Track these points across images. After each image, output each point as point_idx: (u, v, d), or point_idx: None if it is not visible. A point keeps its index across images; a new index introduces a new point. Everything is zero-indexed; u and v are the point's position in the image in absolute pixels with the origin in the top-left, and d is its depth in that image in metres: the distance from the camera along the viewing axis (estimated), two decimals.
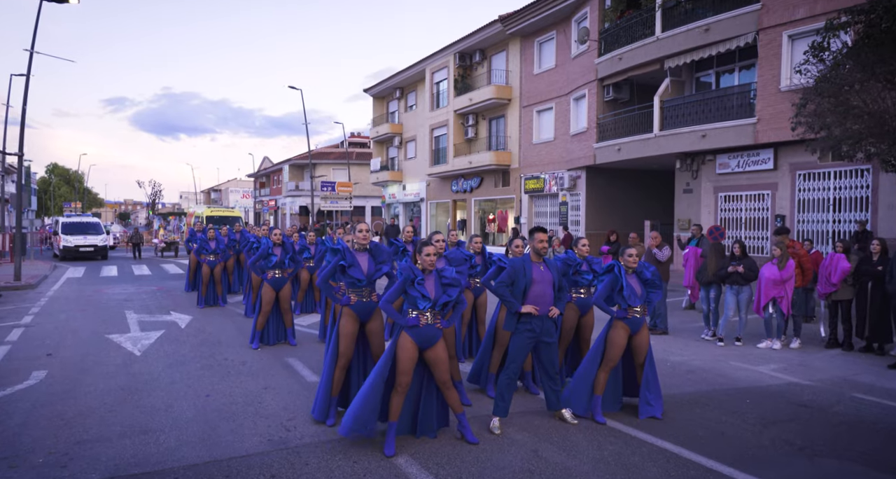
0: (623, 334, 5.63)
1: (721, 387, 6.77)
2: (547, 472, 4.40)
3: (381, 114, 37.68)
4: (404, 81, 34.57)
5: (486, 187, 28.84)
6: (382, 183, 37.27)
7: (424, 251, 4.79)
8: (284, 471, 4.41)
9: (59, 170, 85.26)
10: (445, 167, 30.18)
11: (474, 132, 29.02)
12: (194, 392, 6.35)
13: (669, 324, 10.28)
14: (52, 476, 4.33)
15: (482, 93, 27.40)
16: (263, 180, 61.68)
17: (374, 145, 38.74)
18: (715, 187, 18.91)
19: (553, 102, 24.86)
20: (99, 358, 7.92)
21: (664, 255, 9.84)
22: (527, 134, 26.32)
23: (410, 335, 4.76)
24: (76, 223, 26.66)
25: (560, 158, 24.28)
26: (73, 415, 5.66)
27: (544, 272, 5.28)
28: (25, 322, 10.65)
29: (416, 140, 33.92)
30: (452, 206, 31.46)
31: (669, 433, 5.23)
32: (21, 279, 16.49)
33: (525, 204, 26.48)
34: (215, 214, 27.12)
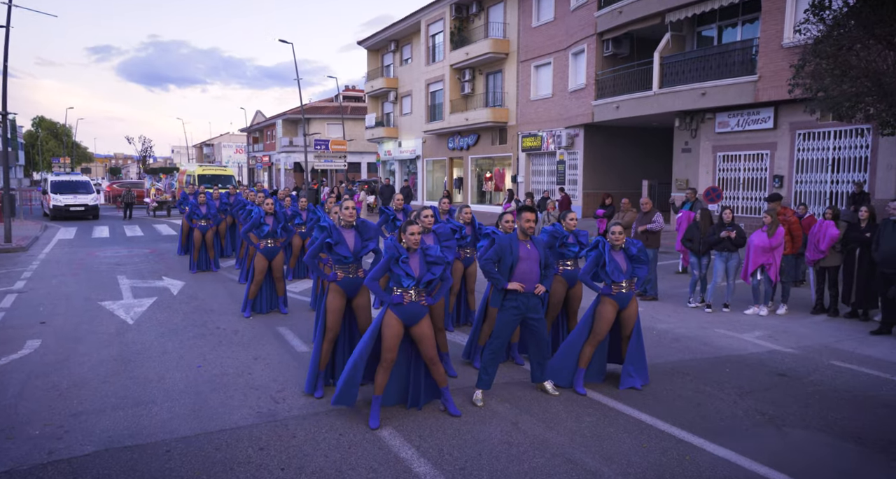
0: (611, 310, 5.80)
1: (703, 356, 7.02)
2: (525, 444, 4.65)
3: (376, 67, 37.17)
4: (399, 33, 33.98)
5: (483, 145, 28.74)
6: (378, 139, 37.06)
7: (409, 230, 4.92)
8: (272, 443, 4.65)
9: (46, 123, 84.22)
10: (441, 124, 29.99)
11: (471, 88, 28.72)
12: (186, 363, 6.59)
13: (660, 289, 10.50)
14: (48, 448, 4.57)
15: (479, 46, 27.02)
16: (257, 136, 61.22)
17: (368, 100, 38.35)
18: (714, 147, 18.91)
19: (551, 56, 24.55)
20: (92, 327, 8.15)
21: (658, 224, 9.94)
22: (524, 90, 26.08)
23: (395, 312, 4.92)
24: (66, 182, 26.67)
25: (558, 116, 24.14)
26: (67, 386, 5.90)
27: (531, 250, 5.40)
28: (18, 288, 10.86)
29: (412, 95, 33.57)
30: (449, 163, 31.41)
31: (647, 403, 5.48)
32: (12, 241, 16.65)
33: (522, 162, 26.46)
34: (207, 173, 27.09)
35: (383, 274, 4.99)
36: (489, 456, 4.45)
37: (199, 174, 26.68)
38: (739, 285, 10.02)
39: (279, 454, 4.49)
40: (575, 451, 4.54)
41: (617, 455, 4.47)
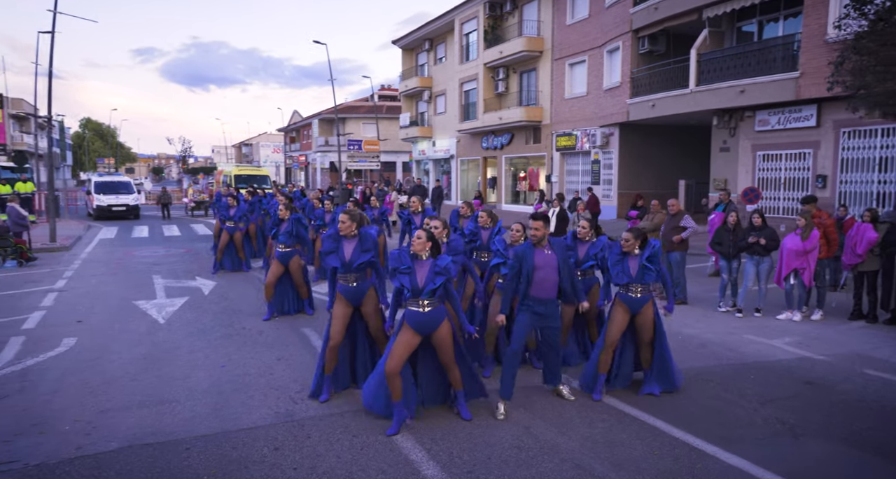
0: (621, 313, 5.79)
1: (729, 362, 6.95)
2: (535, 448, 4.71)
3: (411, 67, 37.41)
4: (433, 32, 34.14)
5: (517, 144, 28.70)
6: (412, 139, 37.31)
7: (416, 235, 5.02)
8: (288, 443, 4.81)
9: (93, 124, 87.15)
10: (475, 123, 30.04)
11: (505, 86, 28.70)
12: (211, 362, 6.83)
13: (690, 293, 10.39)
14: (76, 443, 4.82)
15: (513, 45, 26.98)
16: (293, 135, 62.21)
17: (403, 100, 38.62)
18: (753, 146, 18.54)
19: (586, 54, 24.38)
20: (125, 325, 8.48)
21: (690, 230, 9.82)
22: (558, 89, 25.95)
23: (409, 322, 5.00)
24: (108, 183, 27.61)
25: (592, 115, 23.96)
26: (98, 383, 6.18)
27: (549, 256, 5.40)
28: (59, 286, 11.34)
29: (446, 94, 33.70)
30: (483, 163, 31.44)
31: (663, 410, 5.47)
32: (56, 240, 17.35)
33: (556, 162, 26.34)
34: (243, 173, 27.70)
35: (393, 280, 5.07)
36: (498, 460, 4.52)
37: (236, 174, 27.30)
38: (773, 290, 9.85)
39: (293, 453, 4.64)
40: (584, 457, 4.58)
41: (627, 462, 4.50)
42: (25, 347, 7.46)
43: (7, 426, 5.17)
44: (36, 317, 8.94)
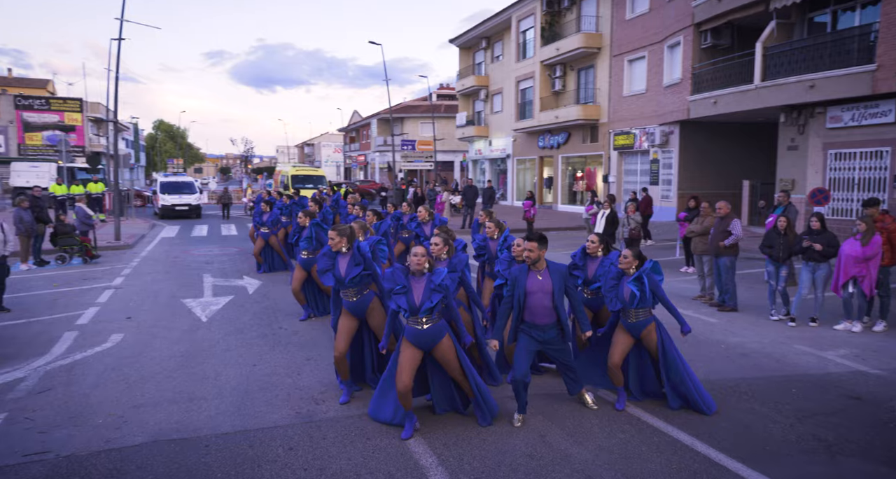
0: (623, 336, 5.63)
1: (771, 373, 6.68)
2: (547, 457, 4.67)
3: (468, 65, 37.49)
4: (490, 30, 34.11)
5: (574, 143, 28.35)
6: (468, 138, 37.38)
7: (413, 252, 5.01)
8: (303, 443, 4.94)
9: (164, 126, 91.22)
10: (531, 122, 29.86)
11: (562, 84, 28.40)
12: (244, 361, 7.06)
13: (744, 300, 10.04)
14: (106, 436, 5.09)
15: (570, 42, 26.67)
16: (353, 135, 63.32)
17: (460, 99, 38.74)
18: (824, 144, 17.71)
19: (646, 50, 23.85)
20: (170, 323, 8.87)
21: (735, 236, 9.46)
22: (617, 86, 25.49)
23: (409, 339, 5.01)
24: (172, 183, 28.84)
25: (652, 112, 23.42)
26: (135, 379, 6.50)
27: (542, 282, 5.17)
28: (116, 284, 11.94)
29: (503, 93, 33.62)
30: (539, 163, 31.20)
31: (689, 423, 5.32)
32: (120, 239, 18.26)
33: (614, 161, 25.88)
34: (300, 174, 28.41)
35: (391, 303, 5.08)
36: (507, 468, 4.50)
37: (293, 174, 28.03)
38: (831, 299, 9.40)
39: (306, 454, 4.76)
40: (597, 468, 4.51)
41: (640, 476, 4.40)
42: (76, 342, 7.90)
43: (47, 417, 5.50)
44: (90, 313, 9.46)
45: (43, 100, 52.02)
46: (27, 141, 50.34)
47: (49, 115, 51.05)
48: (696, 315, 9.28)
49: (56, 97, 53.92)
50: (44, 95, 55.68)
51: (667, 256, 14.68)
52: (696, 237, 10.37)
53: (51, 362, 7.08)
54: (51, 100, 52.26)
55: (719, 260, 9.64)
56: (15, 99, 50.12)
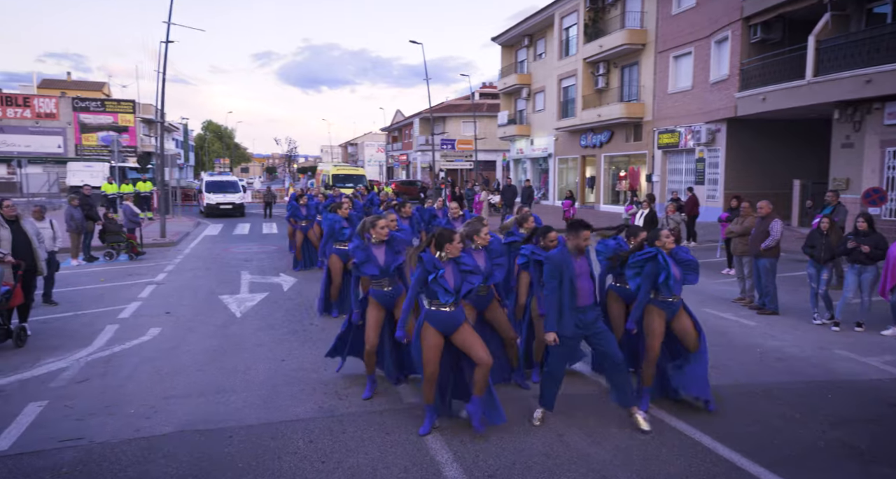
0: (659, 321, 5.52)
1: (807, 378, 6.51)
2: (563, 457, 4.67)
3: (510, 63, 37.38)
4: (533, 28, 33.96)
5: (617, 142, 28.00)
6: (510, 137, 37.28)
7: (454, 239, 4.99)
8: (322, 437, 5.05)
9: (213, 126, 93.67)
10: (573, 121, 29.61)
11: (605, 82, 28.07)
12: (273, 356, 7.24)
13: (787, 303, 9.79)
14: (136, 426, 5.30)
15: (613, 38, 26.35)
16: (396, 134, 63.81)
17: (501, 97, 38.68)
18: (882, 141, 17.08)
19: (692, 46, 23.39)
20: (206, 318, 9.14)
21: (772, 238, 9.22)
22: (662, 83, 25.07)
23: (431, 323, 4.97)
24: (217, 182, 29.63)
25: (697, 110, 22.96)
26: (168, 371, 6.73)
27: (581, 263, 5.23)
28: (158, 279, 12.36)
29: (545, 91, 33.42)
30: (581, 162, 30.92)
31: (713, 425, 5.23)
32: (165, 236, 18.87)
33: (658, 160, 25.46)
34: (341, 173, 28.84)
35: (418, 293, 5.03)
36: (522, 467, 4.52)
37: (334, 174, 28.46)
38: (880, 303, 9.08)
39: (325, 447, 4.87)
40: (614, 469, 4.49)
41: (658, 478, 4.36)
42: (116, 335, 8.23)
43: (84, 406, 5.76)
44: (132, 307, 9.82)
45: (98, 102, 54.10)
46: (83, 142, 52.45)
47: (104, 116, 53.07)
48: (735, 318, 9.10)
49: (110, 99, 56.01)
50: (99, 97, 57.89)
51: (708, 257, 14.38)
52: (735, 238, 10.16)
53: (91, 353, 7.39)
54: (105, 102, 54.30)
55: (759, 262, 9.41)
56: (73, 101, 52.29)
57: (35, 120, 51.52)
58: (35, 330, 8.37)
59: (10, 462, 4.65)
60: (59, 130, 52.01)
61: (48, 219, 10.18)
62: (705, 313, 9.32)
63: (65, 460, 4.68)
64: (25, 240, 8.22)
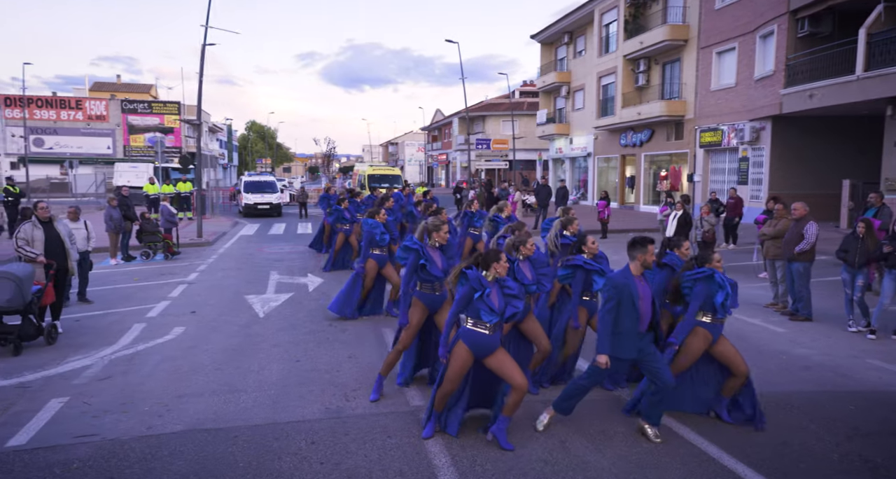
0: (703, 344, 5.36)
1: (831, 388, 6.34)
2: (562, 464, 4.66)
3: (549, 61, 37.15)
4: (572, 25, 33.67)
5: (658, 141, 27.56)
6: (549, 136, 37.05)
7: (501, 259, 4.90)
8: (324, 438, 5.15)
9: (256, 127, 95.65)
10: (612, 119, 29.26)
11: (645, 79, 27.66)
12: (289, 356, 7.40)
13: (823, 309, 9.51)
14: (148, 423, 5.50)
15: (654, 34, 25.97)
16: (436, 134, 64.05)
17: (541, 96, 38.46)
18: None
19: (736, 41, 22.87)
20: (230, 318, 9.38)
21: (806, 242, 8.94)
22: (704, 80, 24.58)
23: (467, 344, 4.86)
24: (255, 182, 30.25)
25: (741, 107, 22.43)
26: (186, 370, 6.95)
27: (645, 286, 5.05)
28: (190, 279, 12.72)
29: (585, 89, 33.10)
30: (621, 161, 30.53)
31: (722, 436, 5.14)
32: (202, 236, 19.39)
33: (700, 160, 24.97)
34: (377, 173, 29.08)
35: (464, 309, 4.90)
36: (518, 472, 4.54)
37: (370, 174, 28.73)
38: None
39: (326, 448, 4.97)
40: (611, 477, 4.46)
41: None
42: (142, 333, 8.52)
43: (102, 402, 5.99)
44: (160, 306, 10.14)
45: (145, 104, 55.92)
46: (131, 143, 54.27)
47: (150, 118, 54.80)
48: (763, 324, 8.89)
49: (157, 101, 57.79)
50: (147, 99, 59.79)
51: (744, 260, 14.04)
52: (768, 241, 9.91)
53: (116, 351, 7.68)
54: (152, 104, 56.04)
55: (792, 266, 9.17)
56: (122, 103, 54.17)
57: (86, 122, 53.56)
58: (67, 328, 8.74)
59: (27, 456, 4.88)
60: (109, 131, 53.93)
61: (82, 220, 10.59)
62: (731, 318, 9.11)
63: (77, 455, 4.88)
64: (58, 240, 8.58)
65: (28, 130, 48.87)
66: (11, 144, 49.55)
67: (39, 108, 52.48)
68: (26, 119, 45.01)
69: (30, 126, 49.55)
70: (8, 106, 49.94)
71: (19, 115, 48.12)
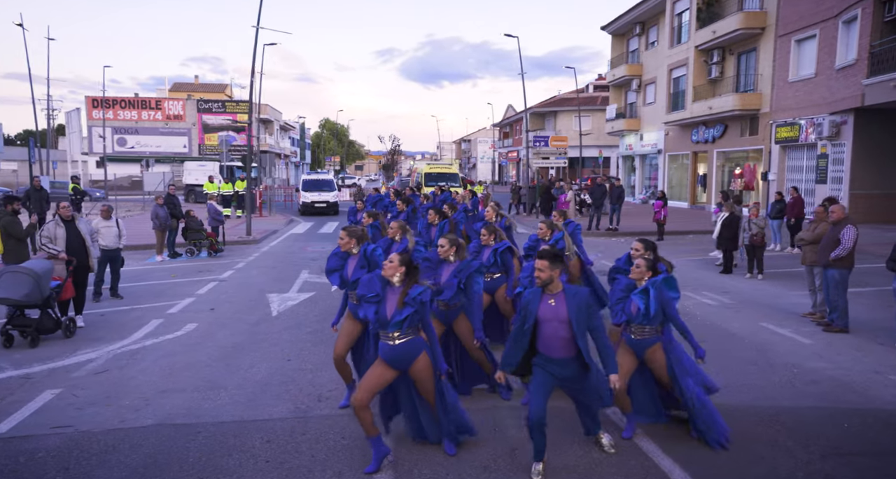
0: (627, 356, 5.26)
1: (831, 405, 6.05)
2: (503, 470, 4.71)
3: (620, 53, 36.45)
4: (644, 14, 32.93)
5: (731, 137, 26.58)
6: (618, 132, 36.34)
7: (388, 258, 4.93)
8: (281, 436, 5.38)
9: (329, 124, 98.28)
10: (683, 114, 28.45)
11: (719, 71, 26.73)
12: (281, 355, 7.70)
13: (862, 320, 9.02)
14: (123, 417, 5.88)
15: (728, 23, 25.06)
16: (507, 130, 63.89)
17: (611, 90, 37.82)
18: None
19: (817, 27, 21.77)
20: (243, 315, 9.81)
21: (842, 247, 8.47)
22: (781, 70, 23.53)
23: (381, 356, 4.85)
24: (314, 181, 31.18)
25: (821, 100, 21.34)
26: (180, 366, 7.35)
27: (556, 308, 4.63)
28: (224, 277, 13.33)
29: (656, 83, 32.28)
30: (692, 158, 29.62)
31: (684, 449, 5.03)
32: (251, 234, 20.22)
33: (775, 156, 23.93)
34: (433, 171, 29.41)
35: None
36: (454, 477, 4.60)
37: (426, 172, 29.09)
38: None
39: (278, 447, 5.19)
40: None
41: None
42: (156, 329, 9.05)
43: (89, 396, 6.44)
44: (184, 303, 10.71)
45: (220, 103, 58.61)
46: (206, 141, 57.02)
47: (224, 117, 57.39)
48: (791, 335, 8.51)
49: (230, 100, 60.48)
50: (222, 98, 62.66)
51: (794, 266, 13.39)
52: (806, 246, 9.47)
53: (124, 346, 8.20)
54: (226, 103, 58.66)
55: (827, 272, 8.73)
56: (197, 103, 57.03)
57: (165, 122, 56.72)
58: (90, 322, 9.37)
59: (0, 444, 5.33)
60: (185, 130, 56.88)
61: (114, 218, 11.30)
62: (760, 328, 8.81)
63: (46, 445, 5.29)
64: (79, 238, 9.24)
65: (112, 131, 52.25)
66: (97, 143, 53.06)
67: (123, 109, 55.99)
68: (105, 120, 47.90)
69: (114, 126, 52.99)
70: (95, 107, 53.46)
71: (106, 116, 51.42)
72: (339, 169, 73.93)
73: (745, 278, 12.70)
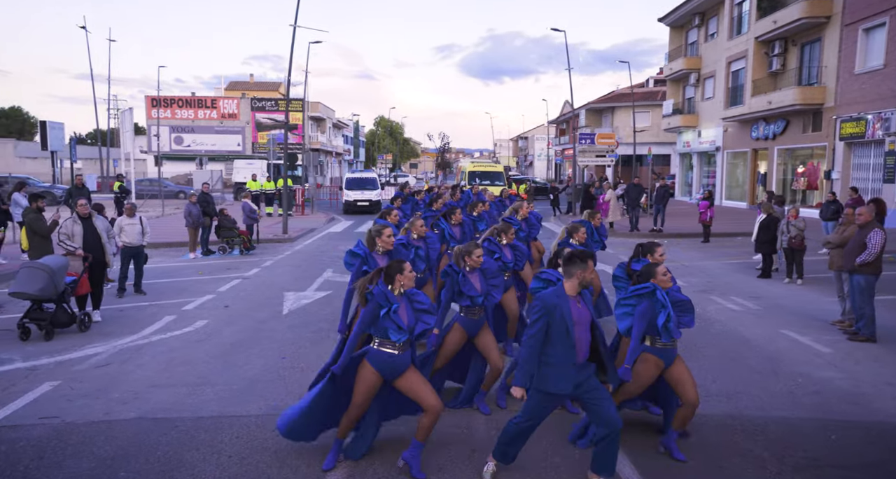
0: (654, 370, 5.14)
1: (825, 416, 5.94)
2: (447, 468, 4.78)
3: (679, 46, 35.69)
4: (703, 5, 32.18)
5: (793, 133, 25.71)
6: (675, 129, 35.59)
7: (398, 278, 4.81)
8: (251, 432, 5.61)
9: (384, 122, 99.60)
10: (741, 109, 27.69)
11: (780, 63, 25.90)
12: (278, 353, 7.96)
13: (893, 326, 8.69)
14: (108, 409, 6.22)
15: (790, 12, 24.27)
16: (563, 127, 63.34)
17: (668, 84, 37.09)
18: None
19: (887, 15, 20.90)
20: (255, 313, 10.16)
21: (873, 244, 8.17)
22: (847, 62, 22.64)
23: (374, 366, 4.79)
24: (357, 179, 31.70)
25: (889, 93, 20.49)
26: (178, 362, 7.70)
27: (582, 310, 4.60)
28: (249, 274, 13.77)
29: (715, 77, 31.48)
30: (752, 156, 28.79)
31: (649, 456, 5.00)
32: (287, 232, 20.76)
33: (840, 154, 23.03)
34: (478, 170, 29.50)
35: (369, 327, 4.82)
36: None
37: (471, 171, 29.20)
38: None
39: (244, 443, 5.41)
40: None
41: None
42: (167, 325, 9.46)
43: (85, 389, 6.82)
44: (201, 300, 11.14)
45: (272, 102, 60.13)
46: (259, 140, 58.65)
47: (276, 115, 58.90)
48: (809, 343, 8.28)
49: (283, 98, 61.97)
50: (275, 96, 64.30)
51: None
52: (833, 250, 9.16)
53: (132, 341, 8.62)
54: (279, 101, 60.17)
55: (853, 278, 8.45)
56: (251, 101, 58.73)
57: (220, 120, 58.62)
58: (108, 317, 9.88)
59: None
60: (239, 129, 58.64)
61: (138, 216, 11.84)
62: (778, 335, 8.61)
63: (30, 435, 5.64)
64: (95, 235, 9.75)
65: (170, 129, 54.34)
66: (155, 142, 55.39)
67: (180, 107, 58.09)
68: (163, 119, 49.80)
69: (172, 125, 55.07)
70: (154, 106, 55.74)
71: (164, 115, 53.51)
72: (393, 167, 74.76)
73: (783, 282, 12.35)
